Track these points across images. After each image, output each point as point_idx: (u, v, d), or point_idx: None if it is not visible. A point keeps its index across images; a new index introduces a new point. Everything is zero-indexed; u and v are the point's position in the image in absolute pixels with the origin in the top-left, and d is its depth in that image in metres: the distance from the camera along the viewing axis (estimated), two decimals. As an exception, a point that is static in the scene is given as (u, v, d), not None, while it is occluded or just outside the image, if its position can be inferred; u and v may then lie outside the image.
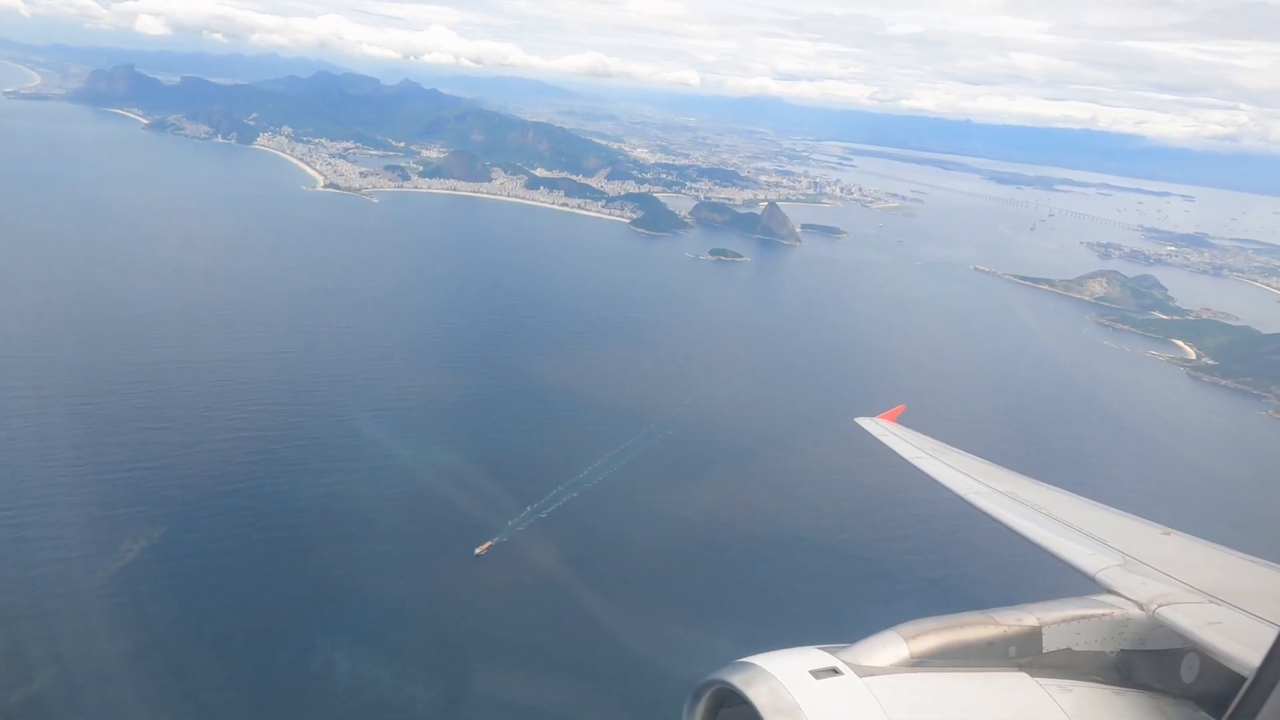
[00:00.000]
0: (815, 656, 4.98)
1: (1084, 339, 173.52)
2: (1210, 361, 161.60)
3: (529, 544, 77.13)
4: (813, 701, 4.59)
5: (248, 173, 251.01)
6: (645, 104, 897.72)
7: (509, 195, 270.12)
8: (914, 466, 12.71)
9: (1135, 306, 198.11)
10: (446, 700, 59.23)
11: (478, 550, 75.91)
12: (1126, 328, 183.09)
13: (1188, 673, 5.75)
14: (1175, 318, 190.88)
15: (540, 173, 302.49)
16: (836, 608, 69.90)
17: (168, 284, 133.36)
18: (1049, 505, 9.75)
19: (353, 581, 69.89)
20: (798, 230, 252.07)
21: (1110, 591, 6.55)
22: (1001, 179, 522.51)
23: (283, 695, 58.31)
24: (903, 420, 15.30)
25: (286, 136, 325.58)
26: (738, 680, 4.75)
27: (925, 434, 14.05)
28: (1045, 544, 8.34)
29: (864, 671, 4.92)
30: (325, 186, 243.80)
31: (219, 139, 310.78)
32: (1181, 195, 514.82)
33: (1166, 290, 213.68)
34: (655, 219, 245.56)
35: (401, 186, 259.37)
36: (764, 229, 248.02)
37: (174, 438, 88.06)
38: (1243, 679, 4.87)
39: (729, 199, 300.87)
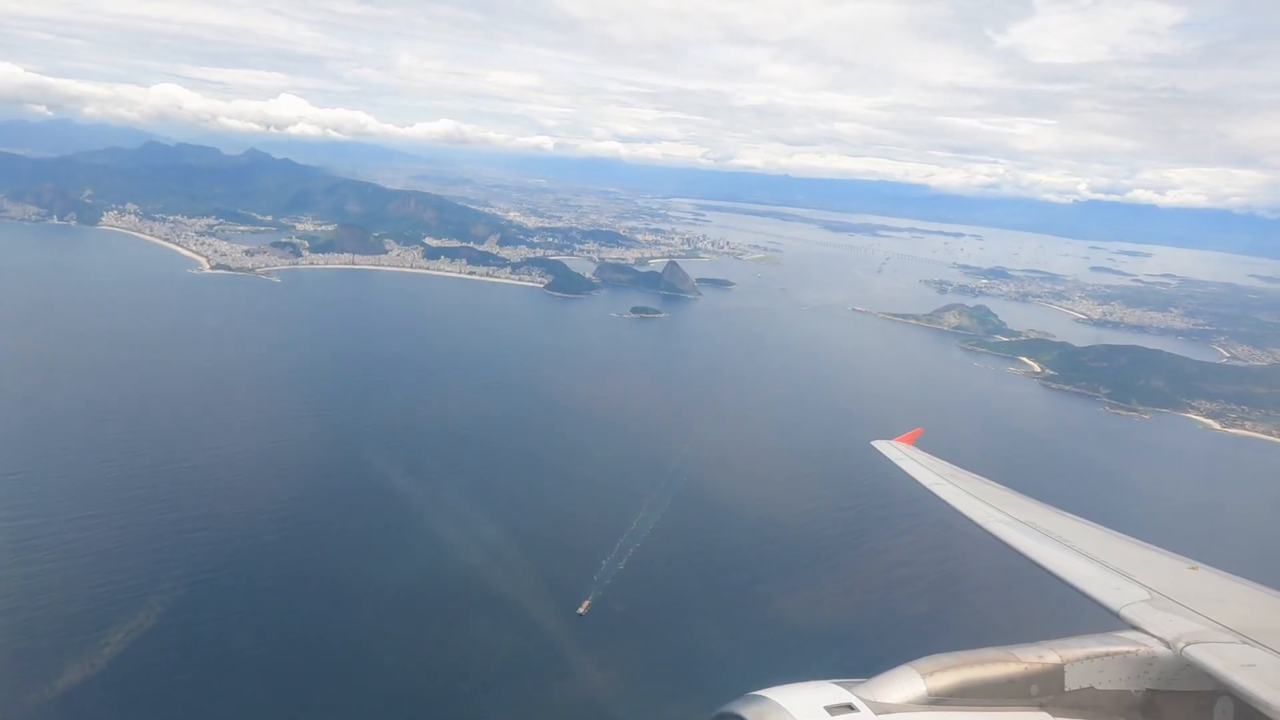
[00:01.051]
0: (830, 691, 4.93)
1: (958, 361, 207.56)
2: (1052, 372, 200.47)
3: (623, 597, 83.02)
4: None
5: (113, 257, 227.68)
6: (491, 166, 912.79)
7: (412, 266, 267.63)
8: (931, 493, 12.71)
9: (983, 332, 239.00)
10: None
11: (580, 610, 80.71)
12: (983, 350, 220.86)
13: (1222, 718, 5.59)
14: (1014, 339, 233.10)
15: (432, 242, 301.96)
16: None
17: (83, 383, 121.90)
18: (1070, 536, 9.53)
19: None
20: (695, 284, 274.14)
21: (1135, 628, 6.37)
22: (834, 227, 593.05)
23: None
24: (920, 443, 15.66)
25: (135, 215, 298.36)
26: (750, 714, 4.71)
27: (940, 457, 14.35)
28: (1067, 576, 8.15)
29: (880, 709, 4.83)
30: (213, 268, 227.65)
31: (55, 220, 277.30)
32: (972, 235, 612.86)
33: (998, 317, 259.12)
34: (566, 282, 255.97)
35: (295, 264, 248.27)
36: (667, 285, 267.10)
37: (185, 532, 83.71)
38: None
39: (621, 259, 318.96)
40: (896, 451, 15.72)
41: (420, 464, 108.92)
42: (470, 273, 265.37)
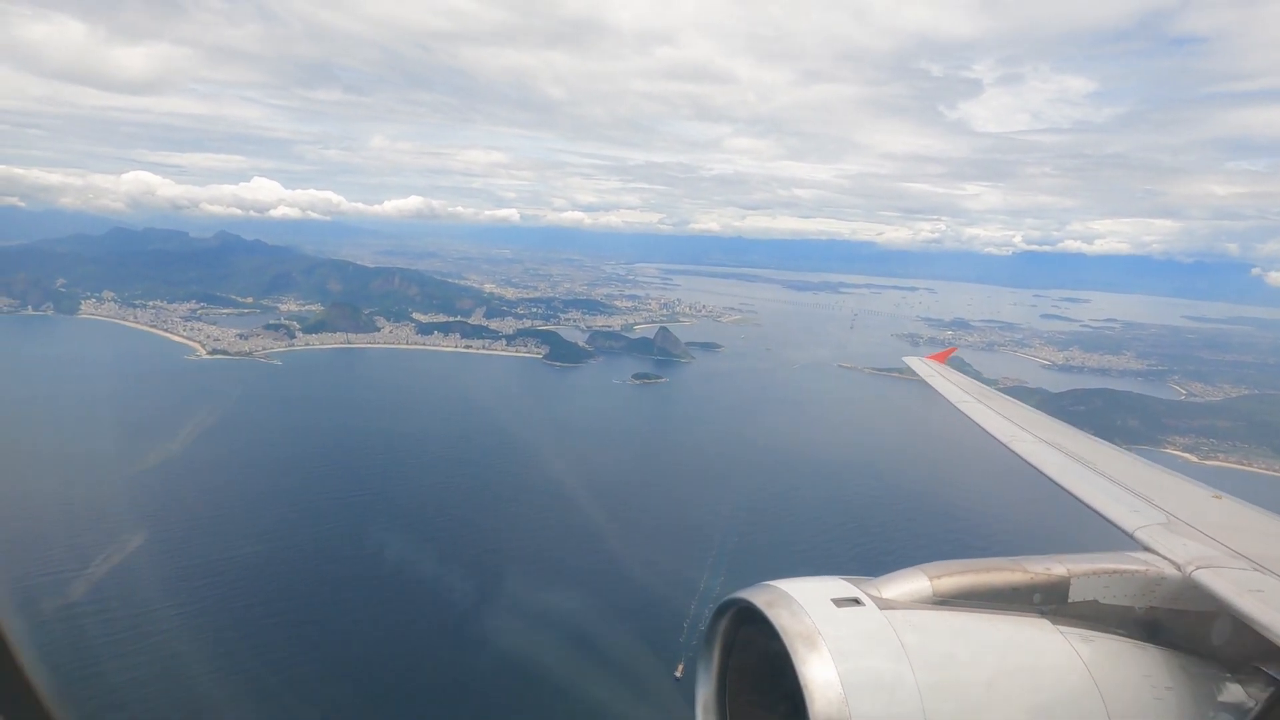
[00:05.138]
0: (838, 585, 5.13)
1: (952, 412, 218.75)
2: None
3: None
4: (832, 628, 4.71)
5: (105, 347, 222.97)
6: (454, 239, 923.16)
7: (407, 343, 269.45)
8: (958, 410, 12.88)
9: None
10: None
11: (676, 674, 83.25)
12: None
13: (1218, 636, 5.67)
14: (994, 387, 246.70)
15: (421, 317, 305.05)
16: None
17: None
18: (1094, 459, 9.63)
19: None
20: (686, 348, 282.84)
21: (1147, 549, 6.46)
22: (796, 286, 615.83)
23: None
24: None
25: (114, 302, 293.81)
26: (761, 601, 4.94)
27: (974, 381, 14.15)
28: (1085, 497, 8.29)
29: (885, 604, 5.03)
30: (210, 353, 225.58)
31: (30, 310, 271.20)
32: (924, 289, 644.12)
33: (973, 367, 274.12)
34: (562, 351, 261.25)
35: (291, 345, 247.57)
36: (660, 350, 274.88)
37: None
38: (1276, 647, 4.92)
39: (607, 326, 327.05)
40: (927, 368, 16.24)
41: (527, 549, 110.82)
42: (467, 346, 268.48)
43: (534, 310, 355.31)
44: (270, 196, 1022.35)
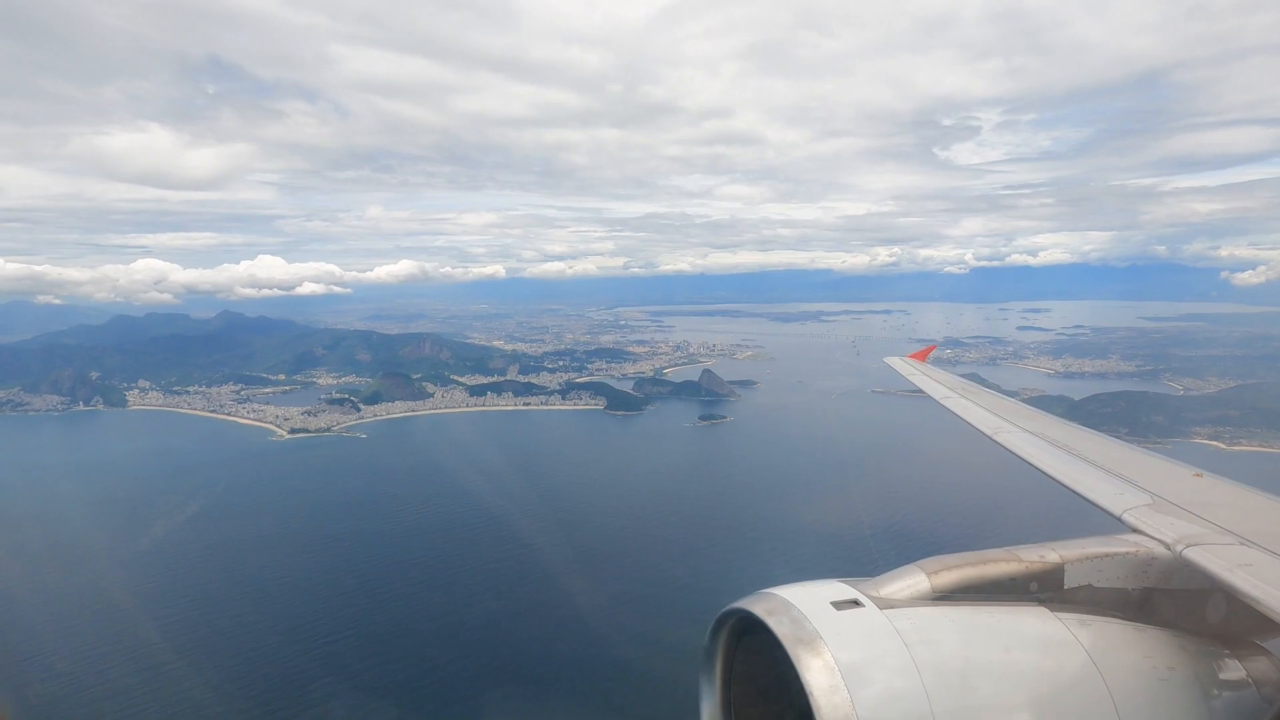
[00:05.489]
0: (837, 588, 5.16)
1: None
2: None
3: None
4: (833, 631, 4.73)
5: (181, 438, 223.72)
6: (434, 298, 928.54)
7: (465, 406, 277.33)
8: (942, 406, 13.42)
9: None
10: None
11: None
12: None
13: (1214, 613, 5.81)
14: (1019, 398, 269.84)
15: (462, 379, 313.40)
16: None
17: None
18: (1077, 446, 9.88)
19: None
20: (731, 387, 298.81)
21: (1136, 531, 6.57)
22: (782, 318, 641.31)
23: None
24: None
25: (156, 391, 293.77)
26: (760, 610, 4.93)
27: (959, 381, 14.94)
28: (1071, 483, 8.45)
29: (885, 604, 5.07)
30: (290, 433, 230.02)
31: (81, 407, 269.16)
32: (900, 311, 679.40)
33: (989, 380, 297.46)
34: (620, 401, 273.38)
35: (360, 418, 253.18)
36: (708, 391, 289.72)
37: None
38: (1270, 620, 4.95)
39: (640, 372, 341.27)
40: (908, 367, 17.13)
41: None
42: (525, 404, 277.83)
43: (561, 364, 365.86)
44: (285, 274, 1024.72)
